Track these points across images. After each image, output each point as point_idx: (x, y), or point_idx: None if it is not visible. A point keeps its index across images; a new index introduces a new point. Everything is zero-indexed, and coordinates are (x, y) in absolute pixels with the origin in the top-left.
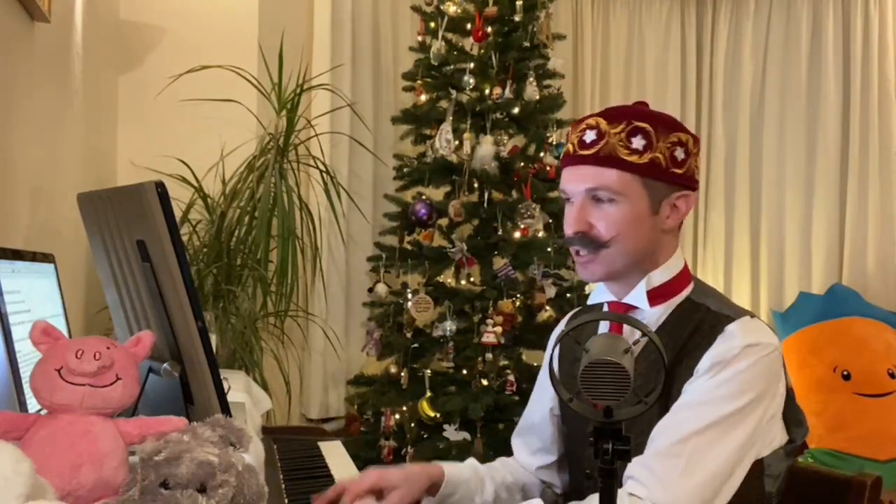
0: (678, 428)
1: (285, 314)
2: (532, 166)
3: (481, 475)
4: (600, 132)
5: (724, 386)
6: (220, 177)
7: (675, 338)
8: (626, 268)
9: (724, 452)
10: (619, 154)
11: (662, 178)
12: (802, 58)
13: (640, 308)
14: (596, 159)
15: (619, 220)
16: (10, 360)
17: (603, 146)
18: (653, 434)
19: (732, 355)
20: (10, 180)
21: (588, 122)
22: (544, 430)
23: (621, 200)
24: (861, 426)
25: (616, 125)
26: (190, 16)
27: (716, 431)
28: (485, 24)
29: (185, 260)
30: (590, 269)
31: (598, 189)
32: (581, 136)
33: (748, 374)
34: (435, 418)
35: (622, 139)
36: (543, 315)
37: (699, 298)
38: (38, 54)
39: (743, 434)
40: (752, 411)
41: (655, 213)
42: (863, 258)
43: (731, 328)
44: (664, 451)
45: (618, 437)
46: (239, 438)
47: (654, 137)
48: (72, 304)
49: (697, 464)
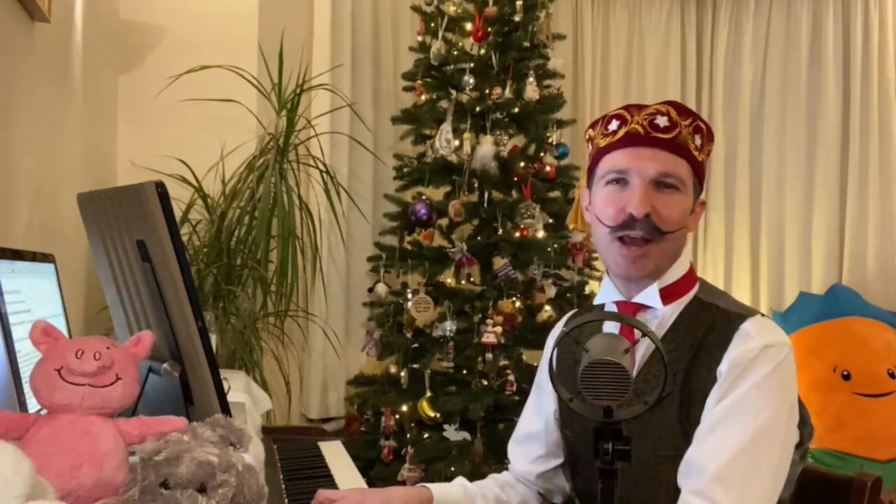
0: (725, 449)
1: (285, 314)
2: (532, 166)
3: (471, 495)
4: (672, 120)
5: (754, 394)
6: (220, 177)
7: (689, 338)
8: (667, 265)
9: (771, 464)
10: (689, 145)
11: (702, 180)
12: (802, 58)
13: (652, 307)
14: (672, 145)
15: (682, 211)
16: (10, 360)
17: (677, 134)
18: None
19: (752, 357)
20: (10, 180)
21: (658, 108)
22: (548, 435)
23: (684, 192)
24: (861, 426)
25: (685, 118)
26: (190, 16)
27: (760, 445)
28: (485, 24)
29: (185, 260)
30: (640, 263)
31: (669, 175)
32: (652, 118)
33: (773, 378)
34: (435, 418)
35: (690, 133)
36: (543, 315)
37: (707, 297)
38: (38, 54)
39: (780, 438)
40: (783, 413)
41: (692, 213)
42: (863, 258)
43: (747, 327)
44: (718, 475)
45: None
46: (239, 438)
47: (706, 140)
48: (72, 304)
49: (752, 483)
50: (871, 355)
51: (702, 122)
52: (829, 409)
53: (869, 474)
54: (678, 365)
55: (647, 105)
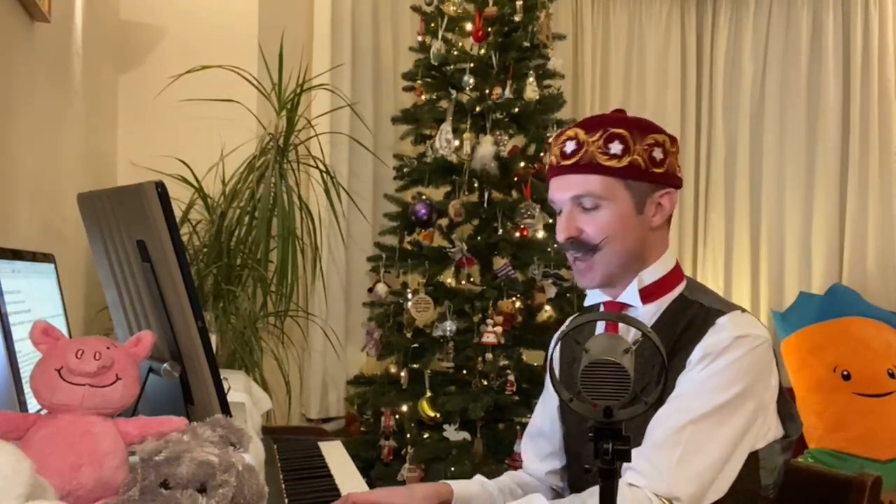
0: (674, 418)
1: (285, 314)
2: (532, 166)
3: (490, 491)
4: (579, 142)
5: (718, 376)
6: (220, 177)
7: (668, 334)
8: (620, 269)
9: (720, 441)
10: (598, 160)
11: (643, 178)
12: (802, 58)
13: (634, 306)
14: (577, 168)
15: (606, 222)
16: (10, 360)
17: (583, 155)
18: (650, 426)
19: (723, 346)
20: (11, 180)
21: (567, 133)
22: (555, 433)
23: (606, 204)
24: (861, 426)
25: (593, 134)
26: (190, 16)
27: (711, 421)
28: (485, 24)
29: (185, 260)
30: (588, 276)
31: (582, 195)
32: (562, 147)
33: (739, 364)
34: (435, 418)
35: (600, 146)
36: (543, 315)
37: (692, 295)
38: (38, 54)
39: (738, 423)
40: (746, 401)
41: (641, 213)
42: (863, 258)
43: (722, 321)
44: (661, 441)
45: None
46: (239, 438)
47: (630, 141)
48: (72, 304)
49: (694, 453)
50: (871, 355)
51: (619, 128)
52: (829, 409)
53: (869, 474)
54: (656, 358)
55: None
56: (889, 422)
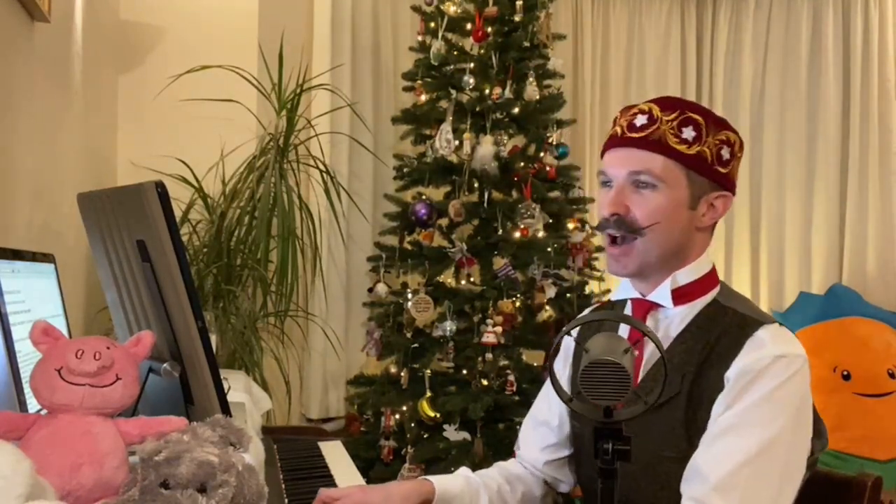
0: (728, 459)
1: (285, 314)
2: (532, 166)
3: (475, 486)
4: (652, 117)
5: (764, 406)
6: (220, 177)
7: (701, 340)
8: (657, 262)
9: (776, 477)
10: (668, 141)
11: (706, 173)
12: (802, 58)
13: (664, 306)
14: (644, 143)
15: (657, 206)
16: (10, 360)
17: (654, 131)
18: (699, 464)
19: (763, 366)
20: (10, 180)
21: (641, 107)
22: (561, 426)
23: (663, 188)
24: (861, 426)
25: (669, 113)
26: (190, 16)
27: (763, 458)
28: (485, 24)
29: (185, 260)
30: (622, 262)
31: (641, 173)
32: (631, 119)
33: (784, 391)
34: (435, 418)
35: (673, 127)
36: (543, 315)
37: (726, 301)
38: (38, 54)
39: (790, 457)
40: (795, 434)
41: (693, 209)
42: (863, 258)
43: (761, 335)
44: (719, 485)
45: (618, 437)
46: (239, 438)
47: (704, 131)
48: (72, 304)
49: (752, 496)
50: (871, 355)
51: (696, 114)
52: (829, 409)
53: (869, 474)
54: (687, 367)
55: (636, 104)
56: (889, 422)
